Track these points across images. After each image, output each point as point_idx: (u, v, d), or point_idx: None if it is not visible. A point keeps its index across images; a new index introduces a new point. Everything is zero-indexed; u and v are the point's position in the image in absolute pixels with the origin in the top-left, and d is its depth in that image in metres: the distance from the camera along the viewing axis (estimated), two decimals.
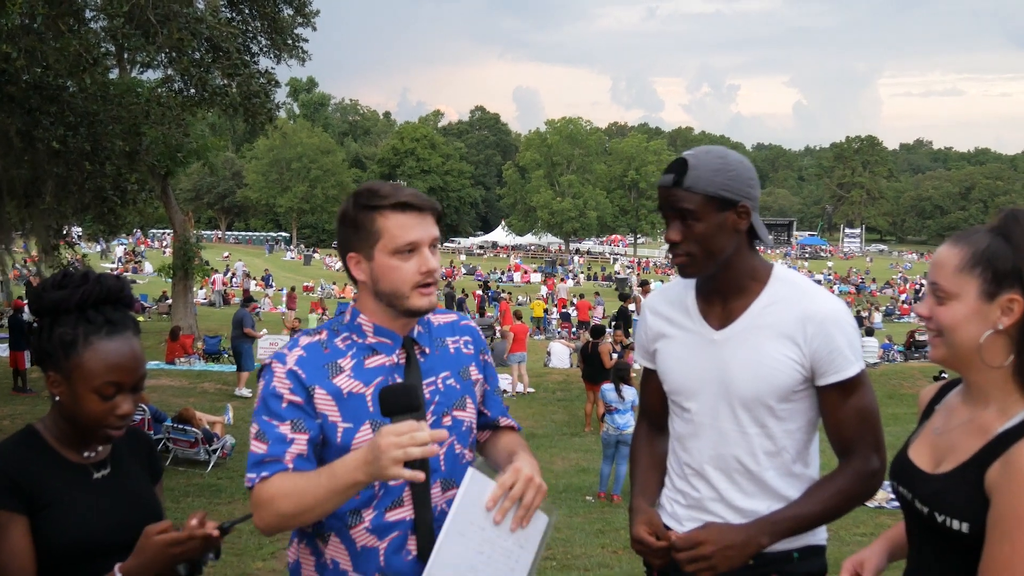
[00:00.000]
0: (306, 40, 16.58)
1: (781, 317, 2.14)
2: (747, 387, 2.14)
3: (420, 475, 1.80)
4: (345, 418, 1.95)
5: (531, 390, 18.00)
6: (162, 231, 61.55)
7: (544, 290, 43.69)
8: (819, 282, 49.21)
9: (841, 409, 2.12)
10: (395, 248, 1.97)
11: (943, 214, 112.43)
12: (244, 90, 13.59)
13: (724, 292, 2.20)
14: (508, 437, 2.24)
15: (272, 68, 16.27)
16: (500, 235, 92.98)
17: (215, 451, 11.22)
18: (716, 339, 2.20)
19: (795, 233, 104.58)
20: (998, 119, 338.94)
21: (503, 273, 57.68)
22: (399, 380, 2.01)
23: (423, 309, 2.03)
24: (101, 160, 11.33)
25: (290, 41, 16.10)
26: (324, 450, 1.97)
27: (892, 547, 1.99)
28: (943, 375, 17.15)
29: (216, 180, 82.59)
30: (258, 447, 1.93)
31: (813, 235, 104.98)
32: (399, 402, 1.87)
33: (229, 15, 14.65)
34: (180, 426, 11.16)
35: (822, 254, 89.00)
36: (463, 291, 38.58)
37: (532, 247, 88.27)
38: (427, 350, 2.10)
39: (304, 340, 2.04)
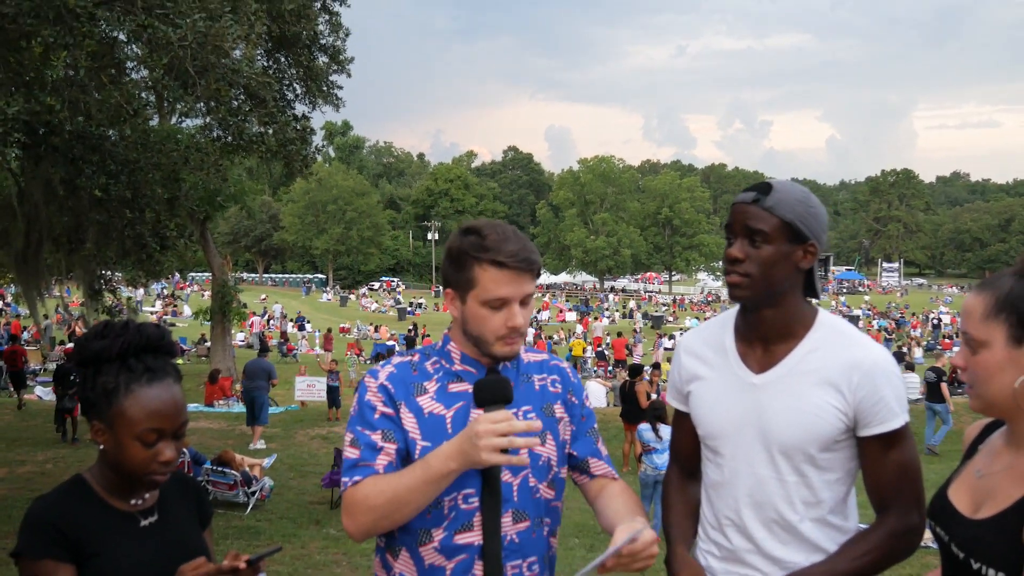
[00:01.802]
0: (340, 87, 16.84)
1: (826, 363, 2.08)
2: (788, 434, 2.08)
3: (525, 459, 1.96)
4: (424, 437, 2.02)
5: None
6: (201, 274, 62.43)
7: (580, 328, 43.61)
8: (857, 317, 48.83)
9: (882, 462, 2.07)
10: (485, 300, 2.02)
11: (983, 247, 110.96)
12: (280, 137, 13.80)
13: (766, 334, 2.15)
14: (620, 495, 2.22)
15: (308, 113, 16.53)
16: None
17: (254, 493, 11.24)
18: (756, 383, 2.14)
19: (832, 268, 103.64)
20: None
21: (538, 312, 57.76)
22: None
23: (505, 357, 2.08)
24: (141, 207, 11.54)
25: (325, 87, 16.36)
26: (404, 465, 2.03)
27: None
28: None
29: (253, 223, 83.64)
30: (351, 453, 2.02)
31: (851, 270, 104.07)
32: (496, 393, 2.00)
33: (265, 63, 14.94)
34: (220, 468, 11.19)
35: (860, 289, 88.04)
36: None
37: (567, 285, 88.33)
38: (512, 383, 2.10)
39: (397, 360, 2.14)
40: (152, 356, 1.93)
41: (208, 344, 29.24)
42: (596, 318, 50.34)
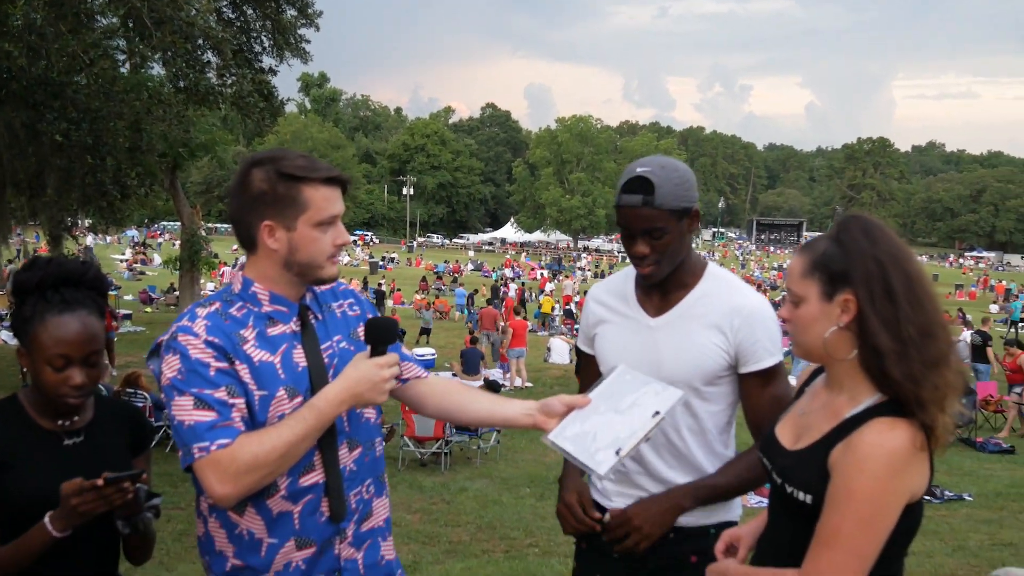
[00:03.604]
0: (308, 41, 16.79)
1: (712, 308, 2.35)
2: (677, 368, 2.33)
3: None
4: (260, 386, 1.96)
5: (529, 384, 18.20)
6: (173, 223, 61.94)
7: (549, 287, 43.85)
8: None
9: (759, 395, 2.35)
10: (320, 220, 2.01)
11: (954, 216, 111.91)
12: (238, 90, 13.79)
13: (664, 285, 2.38)
14: (455, 386, 2.37)
15: (276, 67, 16.50)
16: (509, 232, 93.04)
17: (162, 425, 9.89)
18: (652, 325, 2.40)
19: (805, 233, 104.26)
20: (1012, 122, 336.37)
21: (512, 270, 57.78)
22: (305, 347, 2.07)
23: (333, 277, 2.10)
24: (102, 155, 11.56)
25: (293, 40, 16.31)
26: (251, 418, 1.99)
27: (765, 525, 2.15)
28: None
29: (227, 174, 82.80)
30: (203, 415, 1.88)
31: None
32: (389, 335, 2.05)
33: (231, 16, 14.87)
34: (129, 390, 10.25)
35: None
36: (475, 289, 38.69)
37: (540, 244, 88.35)
38: (319, 316, 2.13)
39: (201, 311, 2.01)
40: (72, 289, 2.08)
41: (177, 293, 29.25)
42: (567, 276, 50.54)
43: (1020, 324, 33.50)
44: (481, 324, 22.31)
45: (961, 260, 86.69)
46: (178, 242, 31.62)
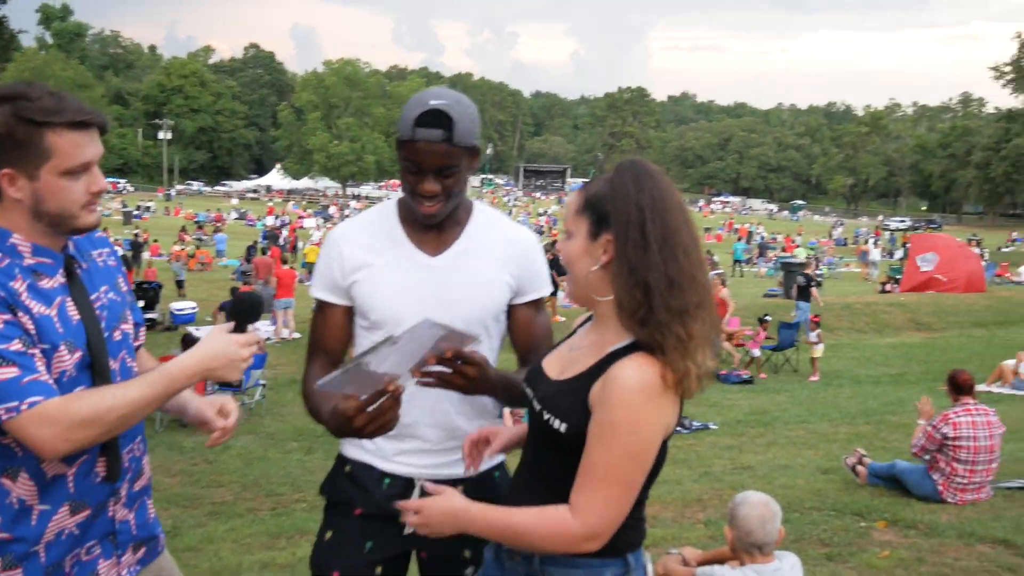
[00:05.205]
0: None
1: (492, 242, 2.31)
2: (469, 306, 2.25)
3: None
4: (42, 339, 1.81)
5: (297, 335, 17.83)
6: None
7: (316, 236, 42.97)
8: None
9: (534, 323, 2.36)
10: (67, 169, 1.83)
11: (703, 164, 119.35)
12: None
13: (441, 223, 2.28)
14: (147, 361, 2.24)
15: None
16: (275, 178, 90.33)
17: None
18: (434, 264, 2.27)
19: (569, 180, 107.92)
20: (755, 75, 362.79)
21: (277, 218, 56.02)
22: (75, 300, 1.93)
23: (92, 226, 1.94)
24: None
25: None
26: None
27: (523, 435, 2.12)
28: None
29: None
30: (6, 372, 1.72)
31: (586, 181, 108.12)
32: (255, 312, 2.01)
33: None
34: None
35: None
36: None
37: (308, 191, 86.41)
38: (84, 265, 2.00)
39: None
40: None
41: None
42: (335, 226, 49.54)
43: (743, 264, 36.43)
44: (257, 274, 21.58)
45: (710, 206, 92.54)
46: None
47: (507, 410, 10.22)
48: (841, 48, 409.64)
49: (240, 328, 1.97)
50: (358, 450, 2.35)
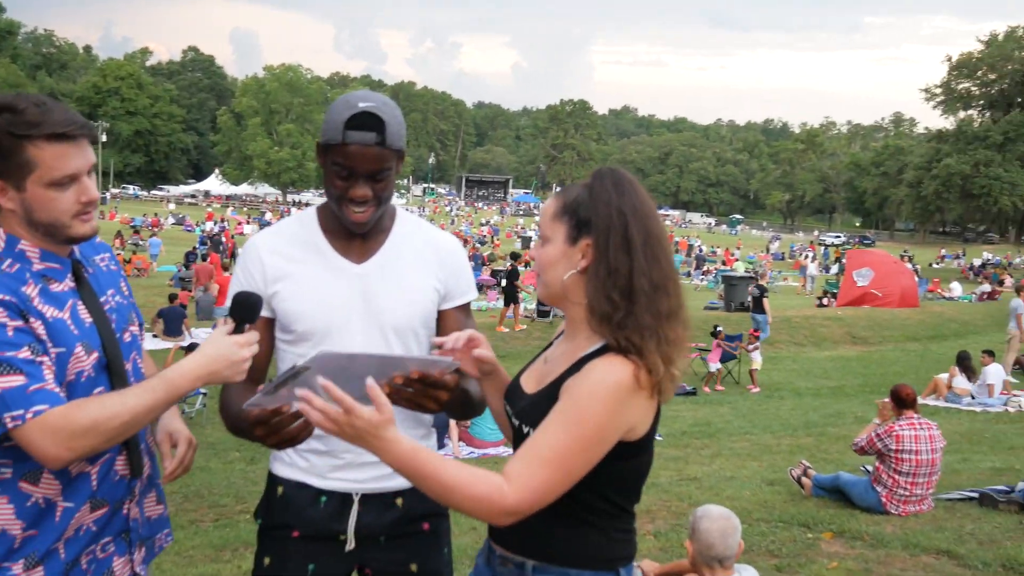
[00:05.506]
0: None
1: (417, 249, 2.28)
2: (399, 314, 2.22)
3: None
4: (56, 343, 1.84)
5: None
6: None
7: None
8: (530, 238, 51.48)
9: (464, 327, 2.25)
10: (52, 181, 1.84)
11: (644, 177, 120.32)
12: None
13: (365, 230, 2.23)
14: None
15: None
16: (213, 184, 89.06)
17: None
18: (359, 272, 2.22)
19: (511, 191, 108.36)
20: (695, 91, 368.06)
21: (216, 224, 55.13)
22: (85, 303, 1.96)
23: (87, 236, 1.95)
24: None
25: None
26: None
27: (499, 385, 2.10)
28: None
29: None
30: (12, 380, 1.73)
31: (528, 193, 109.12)
32: (254, 312, 1.98)
33: None
34: None
35: (535, 211, 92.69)
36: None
37: (248, 197, 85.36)
38: (91, 270, 2.03)
39: None
40: None
41: None
42: None
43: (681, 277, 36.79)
44: (197, 280, 21.20)
45: None
46: None
47: (452, 422, 10.22)
48: (778, 66, 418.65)
49: (239, 329, 1.96)
50: (291, 469, 2.26)
